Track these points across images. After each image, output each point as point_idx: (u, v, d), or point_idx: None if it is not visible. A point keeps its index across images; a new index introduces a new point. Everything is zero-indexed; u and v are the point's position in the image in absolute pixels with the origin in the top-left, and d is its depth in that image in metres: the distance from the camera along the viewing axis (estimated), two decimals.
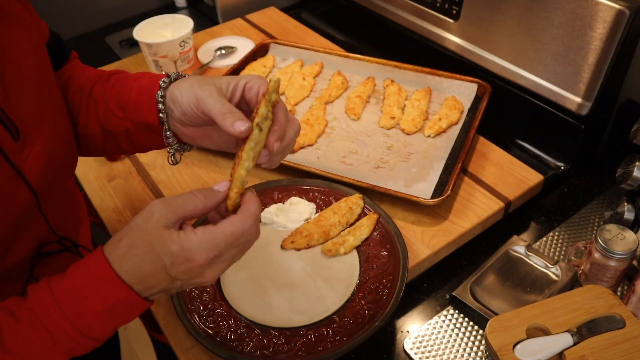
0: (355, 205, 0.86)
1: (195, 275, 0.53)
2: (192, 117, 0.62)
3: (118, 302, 0.51)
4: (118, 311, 0.52)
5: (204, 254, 0.51)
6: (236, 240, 0.53)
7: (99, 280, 0.51)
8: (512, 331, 0.69)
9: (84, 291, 0.51)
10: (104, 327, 0.52)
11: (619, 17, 0.84)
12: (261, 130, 0.56)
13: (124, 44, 1.49)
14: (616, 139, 1.03)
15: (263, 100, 0.56)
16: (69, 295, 0.51)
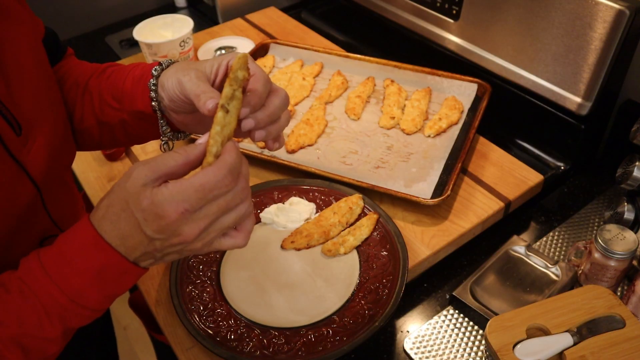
0: (355, 205, 0.86)
1: (171, 234, 0.49)
2: (178, 102, 0.62)
3: (104, 265, 0.50)
4: (107, 276, 0.51)
5: (173, 206, 0.47)
6: (208, 193, 0.48)
7: (82, 244, 0.50)
8: (512, 331, 0.69)
9: (69, 255, 0.50)
10: (96, 293, 0.51)
11: (619, 17, 0.84)
12: (228, 112, 0.52)
13: (124, 44, 1.49)
14: (616, 139, 1.03)
15: (228, 79, 0.52)
16: (57, 262, 0.50)
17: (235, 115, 0.52)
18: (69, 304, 0.50)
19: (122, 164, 1.03)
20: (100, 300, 0.52)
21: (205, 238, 0.51)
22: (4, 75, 0.57)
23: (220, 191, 0.49)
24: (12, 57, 0.59)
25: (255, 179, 0.97)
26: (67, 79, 0.73)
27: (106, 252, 0.50)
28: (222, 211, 0.50)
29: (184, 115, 0.65)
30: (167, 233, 0.49)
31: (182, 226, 0.48)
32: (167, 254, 0.52)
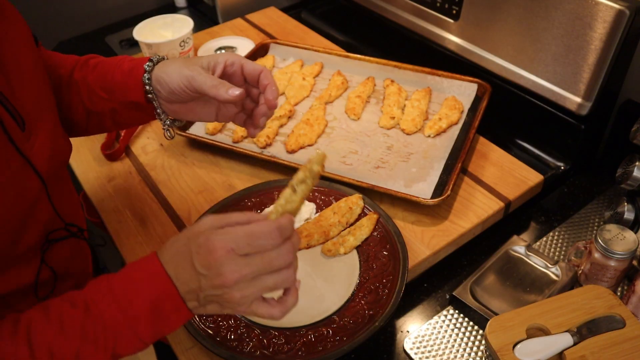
0: (355, 205, 0.86)
1: (215, 272, 0.52)
2: (181, 94, 0.70)
3: (160, 295, 0.54)
4: (161, 308, 0.54)
5: (222, 243, 0.52)
6: (255, 239, 0.52)
7: (147, 271, 0.55)
8: (512, 331, 0.69)
9: (134, 281, 0.55)
10: (149, 324, 0.54)
11: (619, 17, 0.84)
12: (295, 192, 0.59)
13: (124, 44, 1.49)
14: (616, 139, 1.03)
15: (305, 167, 0.60)
16: (123, 286, 0.54)
17: (301, 198, 0.59)
18: (125, 328, 0.54)
19: (122, 164, 1.03)
20: (150, 332, 0.55)
21: (244, 290, 0.53)
22: (4, 73, 0.59)
23: (267, 242, 0.53)
24: (12, 57, 0.61)
25: (255, 179, 0.97)
26: (48, 70, 0.75)
27: (164, 281, 0.54)
28: (264, 265, 0.53)
29: (178, 105, 0.73)
30: (211, 270, 0.52)
31: (225, 265, 0.52)
32: (209, 298, 0.54)
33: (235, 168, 1.00)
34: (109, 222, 0.92)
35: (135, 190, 0.97)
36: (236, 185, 0.96)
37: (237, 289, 0.53)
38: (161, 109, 0.74)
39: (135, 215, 0.92)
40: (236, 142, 1.02)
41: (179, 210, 0.93)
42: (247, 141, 1.03)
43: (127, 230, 0.90)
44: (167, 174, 1.00)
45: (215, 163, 1.01)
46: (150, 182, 0.99)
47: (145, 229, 0.90)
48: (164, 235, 0.89)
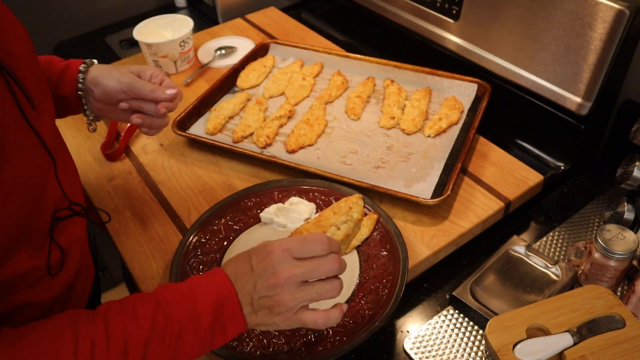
0: (355, 205, 0.86)
1: (270, 271, 0.58)
2: (115, 97, 0.82)
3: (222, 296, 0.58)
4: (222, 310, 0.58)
5: (278, 246, 0.59)
6: (307, 243, 0.59)
7: (210, 276, 0.60)
8: (512, 331, 0.69)
9: (199, 282, 0.60)
10: (210, 325, 0.58)
11: (619, 17, 0.84)
12: (338, 229, 0.72)
13: (124, 44, 1.49)
14: (616, 139, 1.03)
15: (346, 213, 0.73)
16: (188, 286, 0.60)
17: (342, 236, 0.71)
18: (189, 324, 0.57)
19: (122, 164, 1.03)
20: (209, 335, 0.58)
21: (295, 293, 0.58)
22: (13, 55, 0.62)
23: (316, 247, 0.59)
24: (15, 40, 0.64)
25: (255, 179, 0.97)
26: None
27: (226, 284, 0.59)
28: (313, 268, 0.59)
29: (104, 105, 0.84)
30: (267, 270, 0.58)
31: (280, 264, 0.58)
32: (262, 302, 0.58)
33: (235, 168, 1.00)
34: (109, 222, 0.92)
35: (135, 190, 0.97)
36: (236, 185, 0.96)
37: (287, 291, 0.58)
38: (88, 106, 0.84)
39: (135, 215, 0.92)
40: (236, 142, 1.02)
41: (179, 210, 0.93)
42: (247, 141, 1.03)
43: (127, 230, 0.90)
44: (167, 174, 1.00)
45: (215, 163, 1.01)
46: (150, 182, 0.99)
47: (145, 229, 0.90)
48: (164, 235, 0.89)
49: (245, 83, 1.17)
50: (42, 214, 0.65)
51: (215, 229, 0.86)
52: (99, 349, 0.53)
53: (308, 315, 0.59)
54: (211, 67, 1.28)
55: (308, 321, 0.59)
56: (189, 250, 0.83)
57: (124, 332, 0.55)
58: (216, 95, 1.14)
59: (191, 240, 0.84)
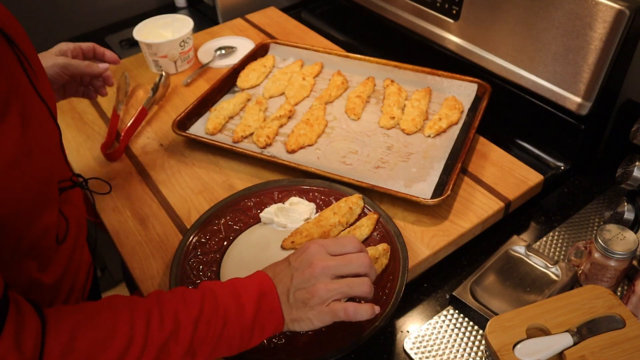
0: (355, 205, 0.86)
1: (307, 263, 0.63)
2: (56, 80, 0.87)
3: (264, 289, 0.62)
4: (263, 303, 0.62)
5: (315, 243, 0.65)
6: (341, 241, 0.66)
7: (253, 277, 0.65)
8: (512, 331, 0.69)
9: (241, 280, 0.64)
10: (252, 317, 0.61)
11: (619, 17, 0.84)
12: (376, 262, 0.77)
13: (124, 44, 1.49)
14: (616, 139, 1.03)
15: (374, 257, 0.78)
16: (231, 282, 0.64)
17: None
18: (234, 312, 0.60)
19: (122, 163, 1.03)
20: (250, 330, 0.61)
21: (329, 284, 0.62)
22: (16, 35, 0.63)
23: (349, 244, 0.66)
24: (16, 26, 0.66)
25: (255, 179, 0.97)
26: None
27: (266, 280, 0.64)
28: (345, 262, 0.64)
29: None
30: (304, 263, 0.63)
31: (315, 256, 0.64)
32: (297, 295, 0.62)
33: (235, 168, 1.00)
34: (109, 222, 0.92)
35: (135, 190, 0.97)
36: (236, 185, 0.96)
37: (322, 281, 0.62)
38: None
39: (135, 215, 0.92)
40: (236, 142, 1.02)
41: (179, 210, 0.93)
42: (247, 141, 1.03)
43: (127, 230, 0.90)
44: (167, 174, 1.00)
45: (215, 163, 1.01)
46: (150, 182, 0.99)
47: (145, 229, 0.90)
48: (164, 235, 0.89)
49: (245, 83, 1.17)
50: (53, 182, 0.67)
51: (215, 229, 0.86)
52: (153, 325, 0.56)
53: (339, 305, 0.62)
54: (211, 67, 1.28)
55: (339, 310, 0.62)
56: (189, 250, 0.82)
57: (176, 312, 0.58)
58: (216, 95, 1.14)
59: (191, 240, 0.84)
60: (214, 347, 0.60)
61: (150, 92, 1.16)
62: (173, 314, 0.58)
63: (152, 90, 1.16)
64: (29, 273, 0.65)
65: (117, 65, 1.30)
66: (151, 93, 1.15)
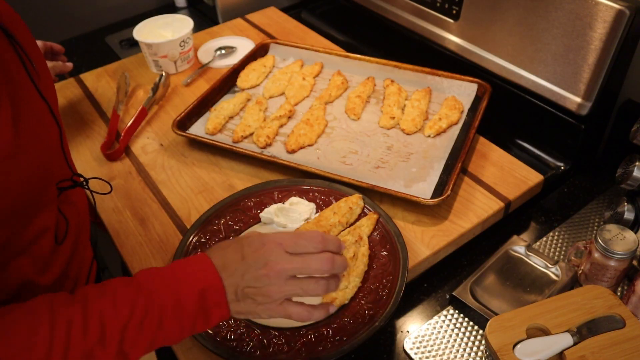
0: (355, 205, 0.86)
1: (262, 261, 0.59)
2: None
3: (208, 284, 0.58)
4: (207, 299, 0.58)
5: (273, 239, 0.60)
6: (300, 238, 0.60)
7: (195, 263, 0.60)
8: (512, 331, 0.69)
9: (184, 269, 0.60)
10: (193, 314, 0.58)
11: (619, 17, 0.84)
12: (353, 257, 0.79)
13: (124, 44, 1.49)
14: (616, 139, 1.03)
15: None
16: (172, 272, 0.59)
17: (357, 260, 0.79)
18: (172, 312, 0.57)
19: (122, 164, 1.03)
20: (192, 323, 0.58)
21: (282, 286, 0.59)
22: (18, 29, 0.64)
23: (309, 244, 0.60)
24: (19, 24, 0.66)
25: (255, 179, 0.97)
26: None
27: (212, 273, 0.59)
28: (303, 265, 0.60)
29: None
30: (259, 260, 0.59)
31: (272, 255, 0.59)
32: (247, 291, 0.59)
33: (235, 168, 1.00)
34: (108, 222, 0.92)
35: (135, 190, 0.97)
36: (236, 185, 0.96)
37: (276, 283, 0.59)
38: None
39: (135, 215, 0.92)
40: (236, 142, 1.02)
41: (179, 210, 0.93)
42: (247, 141, 1.03)
43: (127, 230, 0.90)
44: (167, 174, 1.00)
45: (215, 163, 1.01)
46: (150, 182, 0.99)
47: (145, 229, 0.90)
48: (163, 235, 0.89)
49: (245, 83, 1.17)
50: (51, 181, 0.66)
51: (215, 229, 0.86)
52: (75, 333, 0.53)
53: (292, 308, 0.61)
54: (211, 67, 1.28)
55: (292, 313, 0.61)
56: (189, 250, 0.82)
57: (102, 316, 0.54)
58: (216, 95, 1.14)
59: (191, 240, 0.84)
60: (149, 345, 0.57)
61: (150, 92, 1.16)
62: (99, 318, 0.54)
63: (152, 90, 1.16)
64: (24, 274, 0.64)
65: (117, 65, 1.31)
66: (151, 93, 1.15)
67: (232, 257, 0.60)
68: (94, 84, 1.24)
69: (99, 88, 1.23)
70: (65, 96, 1.21)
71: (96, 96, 1.21)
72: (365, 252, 0.79)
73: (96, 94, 1.21)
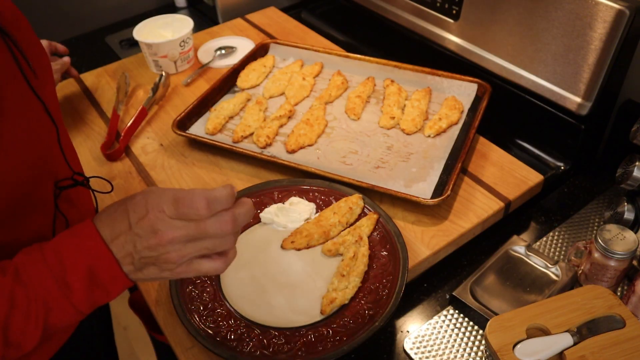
0: (355, 205, 0.86)
1: (150, 230, 0.52)
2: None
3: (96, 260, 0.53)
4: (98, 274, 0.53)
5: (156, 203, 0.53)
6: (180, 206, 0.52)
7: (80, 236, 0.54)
8: (512, 331, 0.69)
9: (67, 246, 0.54)
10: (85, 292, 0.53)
11: (619, 17, 0.84)
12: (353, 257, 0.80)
13: (124, 44, 1.49)
14: (616, 139, 1.03)
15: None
16: (55, 252, 0.53)
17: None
18: (59, 297, 0.52)
19: (122, 163, 1.03)
20: (86, 301, 0.54)
21: (181, 250, 0.53)
22: (19, 27, 0.63)
23: (190, 212, 0.52)
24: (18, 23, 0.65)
25: (255, 179, 0.97)
26: None
27: (99, 246, 0.53)
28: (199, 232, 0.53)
29: None
30: (146, 229, 0.52)
31: (159, 224, 0.52)
32: (145, 260, 0.54)
33: (235, 168, 1.00)
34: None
35: (136, 190, 0.97)
36: (236, 185, 0.96)
37: (172, 249, 0.53)
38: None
39: None
40: (236, 142, 1.02)
41: None
42: (247, 141, 1.03)
43: None
44: (167, 174, 1.00)
45: (215, 163, 1.01)
46: (150, 182, 0.99)
47: None
48: None
49: (245, 83, 1.17)
50: (46, 181, 0.64)
51: None
52: None
53: (203, 266, 0.56)
54: (211, 67, 1.28)
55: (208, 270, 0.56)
56: None
57: None
58: (216, 95, 1.14)
59: None
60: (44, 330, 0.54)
61: (150, 92, 1.16)
62: None
63: (152, 90, 1.16)
64: None
65: (117, 65, 1.31)
66: (151, 93, 1.15)
67: (119, 226, 0.54)
68: (94, 84, 1.24)
69: (99, 88, 1.23)
70: (65, 96, 1.21)
71: (96, 96, 1.21)
72: (365, 252, 0.79)
73: (96, 94, 1.21)
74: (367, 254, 0.79)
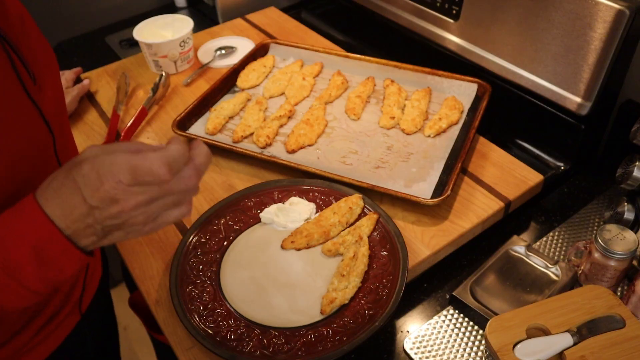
0: (355, 205, 0.86)
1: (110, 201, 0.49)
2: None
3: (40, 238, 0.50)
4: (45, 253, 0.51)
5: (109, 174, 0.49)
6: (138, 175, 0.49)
7: (22, 215, 0.51)
8: (512, 331, 0.69)
9: (10, 227, 0.51)
10: (34, 272, 0.51)
11: (619, 17, 0.84)
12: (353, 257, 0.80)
13: (124, 44, 1.49)
14: (616, 139, 1.03)
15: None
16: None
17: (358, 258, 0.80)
18: (6, 279, 0.50)
19: None
20: (39, 280, 0.52)
21: (147, 212, 0.51)
22: (23, 28, 0.63)
23: (153, 179, 0.49)
24: (19, 28, 0.64)
25: (255, 179, 0.97)
26: None
27: (43, 223, 0.50)
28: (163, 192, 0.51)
29: None
30: (105, 201, 0.49)
31: (119, 194, 0.49)
32: (109, 228, 0.51)
33: (235, 168, 1.00)
34: None
35: None
36: (236, 185, 0.96)
37: (138, 213, 0.51)
38: None
39: None
40: (236, 142, 1.02)
41: None
42: (247, 141, 1.03)
43: None
44: None
45: (215, 163, 1.01)
46: None
47: None
48: (163, 235, 0.89)
49: (245, 83, 1.17)
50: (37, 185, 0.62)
51: (215, 229, 0.86)
52: None
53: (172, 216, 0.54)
54: (211, 67, 1.28)
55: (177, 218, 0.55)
56: (189, 250, 0.82)
57: None
58: (216, 95, 1.14)
59: (191, 240, 0.84)
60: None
61: (150, 92, 1.16)
62: None
63: (152, 90, 1.16)
64: None
65: (117, 65, 1.31)
66: (151, 93, 1.15)
67: (71, 201, 0.50)
68: (94, 84, 1.24)
69: (99, 88, 1.23)
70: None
71: (96, 96, 1.21)
72: (365, 252, 0.79)
73: (96, 94, 1.21)
74: (367, 254, 0.80)
